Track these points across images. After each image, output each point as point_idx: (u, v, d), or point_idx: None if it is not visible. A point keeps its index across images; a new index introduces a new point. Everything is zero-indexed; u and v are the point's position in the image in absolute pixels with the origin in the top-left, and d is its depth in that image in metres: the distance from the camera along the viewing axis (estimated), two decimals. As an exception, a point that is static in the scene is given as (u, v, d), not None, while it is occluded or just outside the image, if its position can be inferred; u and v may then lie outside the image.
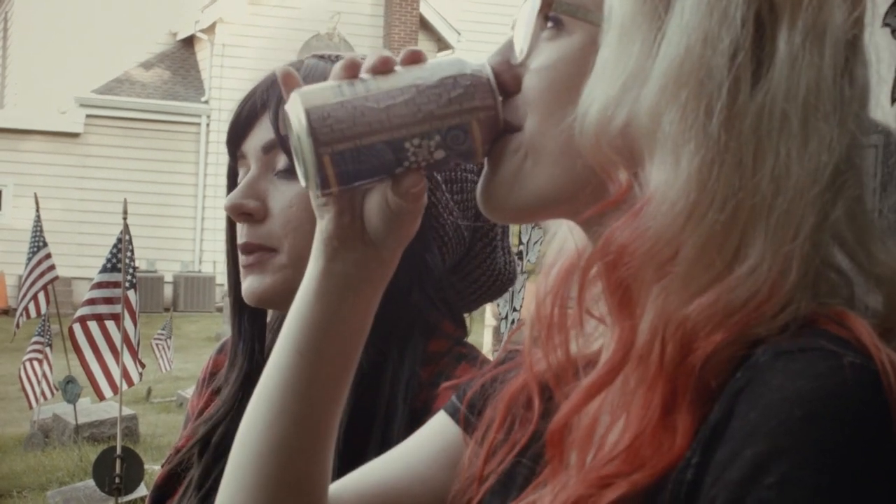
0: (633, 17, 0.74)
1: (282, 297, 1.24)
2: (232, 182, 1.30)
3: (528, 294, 2.06)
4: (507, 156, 0.82)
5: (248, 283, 1.23)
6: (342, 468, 1.15)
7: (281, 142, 1.22)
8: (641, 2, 0.74)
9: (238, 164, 1.29)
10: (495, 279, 1.36)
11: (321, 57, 1.30)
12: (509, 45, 0.83)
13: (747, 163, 0.70)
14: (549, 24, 0.80)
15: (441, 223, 1.26)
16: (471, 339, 1.31)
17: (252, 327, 1.31)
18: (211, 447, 1.26)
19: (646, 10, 0.73)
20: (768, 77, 0.71)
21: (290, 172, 1.22)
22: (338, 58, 1.29)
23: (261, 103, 1.25)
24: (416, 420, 1.16)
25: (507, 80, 0.82)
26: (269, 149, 1.24)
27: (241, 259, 1.24)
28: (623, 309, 0.72)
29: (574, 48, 0.78)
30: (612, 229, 0.72)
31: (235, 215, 1.23)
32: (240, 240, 1.24)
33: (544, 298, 0.89)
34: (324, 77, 1.25)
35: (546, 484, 0.77)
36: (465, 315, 1.34)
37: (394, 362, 1.20)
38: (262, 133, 1.25)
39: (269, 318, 1.34)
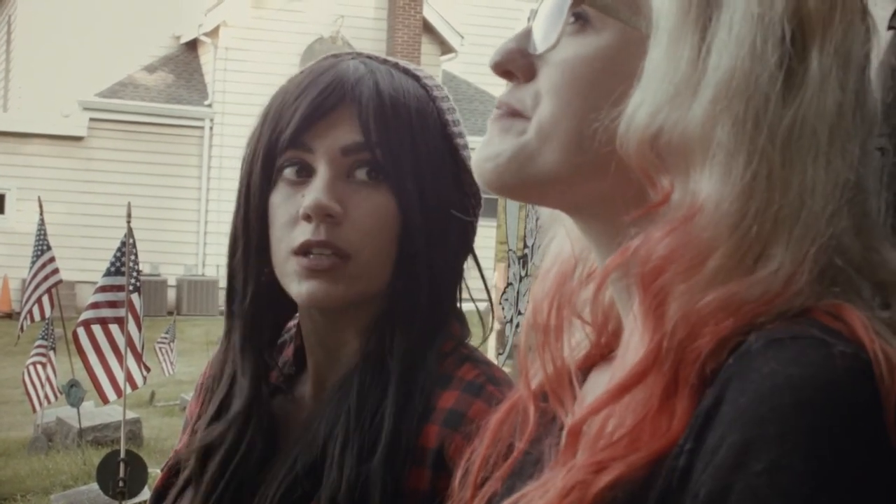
0: (682, 23, 0.74)
1: (345, 305, 1.22)
2: (268, 170, 1.23)
3: (533, 297, 2.07)
4: (510, 137, 0.82)
5: (317, 288, 1.19)
6: (353, 466, 1.15)
7: (369, 146, 1.18)
8: (687, 9, 0.75)
9: (288, 153, 1.21)
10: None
11: (375, 58, 1.28)
12: (526, 34, 0.83)
13: (781, 176, 0.71)
14: (573, 20, 0.80)
15: (472, 244, 1.29)
16: (475, 343, 1.32)
17: (266, 327, 1.29)
18: (213, 460, 1.25)
19: (693, 18, 0.74)
20: (800, 94, 0.72)
21: (371, 179, 1.20)
22: (396, 64, 1.28)
23: (350, 98, 1.20)
24: (422, 419, 1.17)
25: (521, 67, 0.82)
26: (350, 151, 1.19)
27: (305, 261, 1.18)
28: (657, 314, 0.72)
29: (601, 46, 0.79)
30: (657, 237, 0.72)
31: (320, 216, 1.18)
32: (313, 237, 1.18)
33: (541, 303, 0.90)
34: (401, 84, 1.23)
35: (555, 471, 0.77)
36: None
37: (417, 364, 1.20)
38: (343, 132, 1.19)
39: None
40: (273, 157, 1.22)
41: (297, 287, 1.20)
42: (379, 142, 1.19)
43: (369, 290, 1.21)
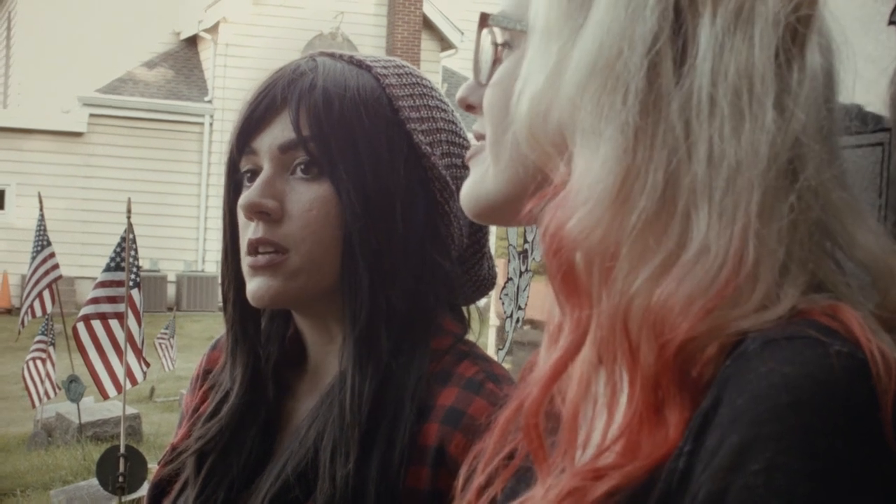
0: (555, 18, 0.77)
1: (292, 301, 1.23)
2: (232, 177, 1.27)
3: (533, 293, 2.07)
4: (479, 162, 0.90)
5: (258, 285, 1.21)
6: (345, 474, 1.15)
7: (302, 142, 1.20)
8: (559, 4, 0.77)
9: (243, 159, 1.25)
10: (479, 284, 1.38)
11: (331, 55, 1.29)
12: (484, 71, 0.90)
13: (679, 147, 0.71)
14: (501, 44, 0.87)
15: (451, 232, 1.28)
16: (475, 339, 1.32)
17: (254, 329, 1.30)
18: (210, 460, 1.25)
19: (564, 11, 0.77)
20: (692, 64, 0.72)
21: (308, 174, 1.21)
22: (351, 58, 1.29)
23: (281, 98, 1.22)
24: (420, 417, 1.17)
25: (474, 101, 0.91)
26: (286, 148, 1.21)
27: (250, 259, 1.21)
28: (571, 295, 0.74)
29: (516, 60, 0.84)
30: (546, 219, 0.75)
31: (253, 214, 1.20)
32: (252, 236, 1.21)
33: (551, 308, 0.90)
34: (343, 77, 1.24)
35: (536, 480, 0.77)
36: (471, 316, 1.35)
37: (405, 363, 1.20)
38: (279, 131, 1.21)
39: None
40: (234, 165, 1.26)
41: (248, 286, 1.22)
42: (312, 136, 1.20)
43: (318, 283, 1.21)
